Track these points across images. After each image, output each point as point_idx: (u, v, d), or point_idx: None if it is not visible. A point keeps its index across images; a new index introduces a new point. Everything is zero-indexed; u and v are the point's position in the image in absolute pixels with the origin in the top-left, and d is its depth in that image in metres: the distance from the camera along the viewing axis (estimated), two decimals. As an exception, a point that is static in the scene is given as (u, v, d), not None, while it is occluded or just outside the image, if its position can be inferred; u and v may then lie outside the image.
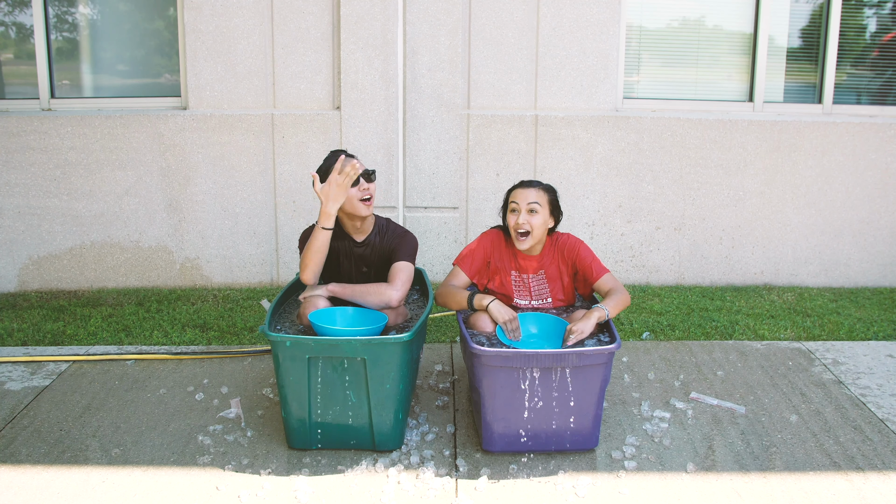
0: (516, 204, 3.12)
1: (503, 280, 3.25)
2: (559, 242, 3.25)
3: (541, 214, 3.11)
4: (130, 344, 4.02)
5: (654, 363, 3.77)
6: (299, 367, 2.78)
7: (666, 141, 4.90)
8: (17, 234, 4.86)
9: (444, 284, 3.22)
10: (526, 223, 3.09)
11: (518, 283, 3.25)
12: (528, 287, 3.23)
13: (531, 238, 3.12)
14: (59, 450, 2.94)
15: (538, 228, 3.12)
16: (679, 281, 5.09)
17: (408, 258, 3.20)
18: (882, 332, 4.23)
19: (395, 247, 3.24)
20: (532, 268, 3.23)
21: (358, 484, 2.73)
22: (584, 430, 2.87)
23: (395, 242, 3.25)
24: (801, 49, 5.17)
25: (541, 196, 3.12)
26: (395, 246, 3.24)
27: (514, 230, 3.13)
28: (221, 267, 4.97)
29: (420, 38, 4.73)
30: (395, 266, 3.17)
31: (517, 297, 3.24)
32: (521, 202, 3.10)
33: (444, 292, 3.19)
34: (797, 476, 2.79)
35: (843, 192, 5.01)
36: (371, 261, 3.28)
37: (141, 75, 5.10)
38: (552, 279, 3.23)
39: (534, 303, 3.23)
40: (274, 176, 4.87)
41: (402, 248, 3.22)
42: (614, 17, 4.83)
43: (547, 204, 3.14)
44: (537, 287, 3.23)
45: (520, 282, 3.24)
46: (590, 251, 3.22)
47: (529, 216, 3.10)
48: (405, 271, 3.15)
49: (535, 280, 3.23)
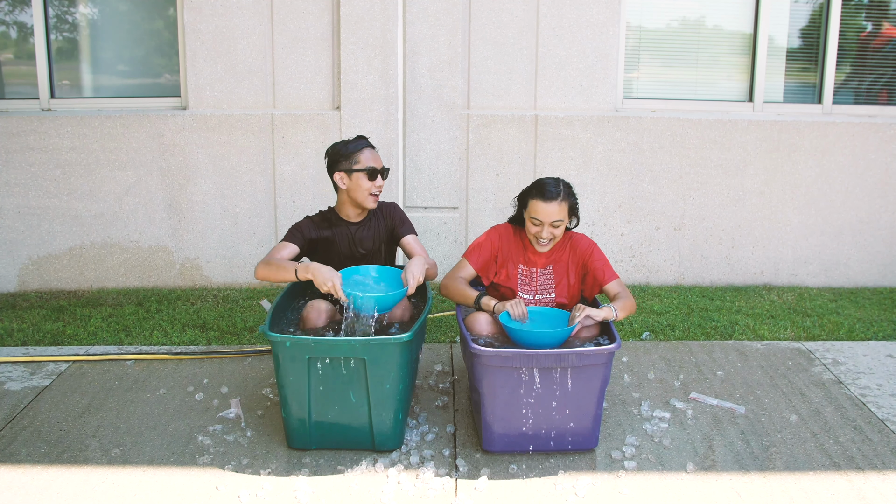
0: (538, 220, 3.09)
1: (509, 273, 3.25)
2: (573, 241, 3.26)
3: (563, 226, 3.14)
4: (130, 344, 4.02)
5: (653, 363, 3.77)
6: (299, 368, 2.78)
7: (666, 141, 4.90)
8: (17, 234, 4.86)
9: (450, 276, 3.23)
10: (550, 235, 3.11)
11: (525, 276, 3.25)
12: (535, 281, 3.24)
13: (551, 244, 3.17)
14: (58, 450, 2.94)
15: (560, 235, 3.15)
16: (679, 281, 5.09)
17: (413, 230, 3.37)
18: (882, 332, 4.23)
19: (395, 222, 3.38)
20: (541, 262, 3.24)
21: (358, 484, 2.73)
22: (584, 430, 2.87)
23: (393, 219, 3.39)
24: (801, 49, 5.17)
25: (563, 211, 3.10)
26: (394, 222, 3.38)
27: (535, 237, 3.14)
28: (221, 267, 4.97)
29: (420, 39, 4.73)
30: (406, 240, 3.34)
31: (521, 291, 3.25)
32: (545, 219, 3.08)
33: (449, 284, 3.20)
34: (797, 476, 2.79)
35: (842, 192, 5.01)
36: (368, 242, 3.34)
37: (141, 75, 5.10)
38: (559, 276, 3.24)
39: (538, 297, 3.23)
40: (274, 176, 4.87)
41: (405, 221, 3.39)
42: (614, 17, 4.83)
43: (568, 213, 3.15)
44: (543, 281, 3.24)
45: (527, 275, 3.25)
46: (603, 255, 3.24)
47: (553, 229, 3.11)
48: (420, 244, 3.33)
49: (542, 274, 3.24)
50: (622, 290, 3.16)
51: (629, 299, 3.12)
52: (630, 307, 3.10)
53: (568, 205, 3.12)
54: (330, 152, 3.24)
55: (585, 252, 3.22)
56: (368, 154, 3.20)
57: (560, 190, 3.09)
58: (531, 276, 3.25)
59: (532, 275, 3.24)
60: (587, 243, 3.25)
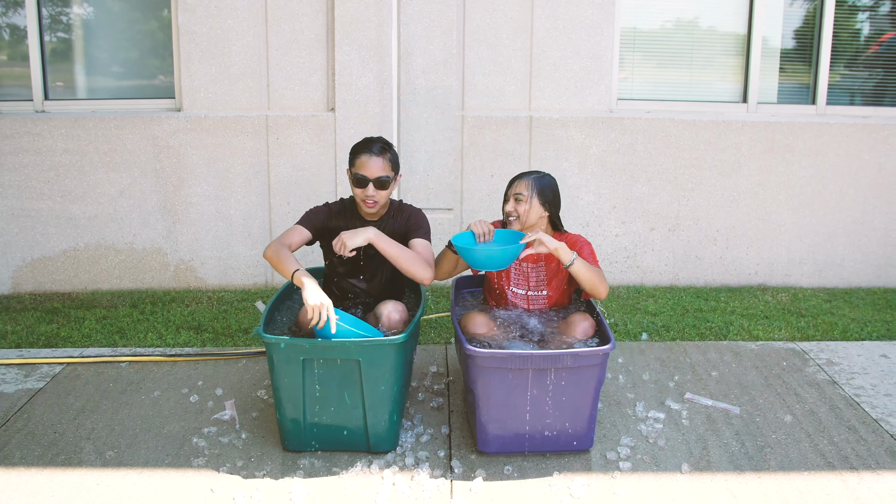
0: (507, 194, 3.27)
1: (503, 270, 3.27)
2: (565, 239, 3.27)
3: (526, 202, 3.19)
4: (125, 346, 4.01)
5: (648, 364, 3.78)
6: (294, 369, 2.77)
7: (660, 142, 4.91)
8: (11, 237, 4.85)
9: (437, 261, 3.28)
10: (513, 210, 3.21)
11: (517, 271, 3.27)
12: (527, 276, 3.26)
13: (518, 223, 3.21)
14: (53, 452, 2.93)
15: (524, 214, 3.20)
16: (673, 282, 5.10)
17: (426, 236, 3.20)
18: (876, 333, 4.24)
19: (411, 225, 3.23)
20: (533, 258, 3.25)
21: (353, 485, 2.72)
22: (578, 431, 2.87)
23: (410, 221, 3.24)
24: (795, 50, 5.19)
25: (528, 186, 3.21)
26: (410, 225, 3.23)
27: (506, 216, 3.26)
28: (216, 269, 4.96)
29: (414, 40, 4.73)
30: (415, 243, 3.14)
31: (513, 286, 3.26)
32: (510, 192, 3.25)
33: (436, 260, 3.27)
34: (792, 476, 2.80)
35: (836, 193, 5.02)
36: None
37: (135, 77, 5.09)
38: (551, 271, 3.25)
39: (530, 293, 3.25)
40: (268, 178, 4.86)
41: (421, 227, 3.22)
42: (608, 19, 4.84)
43: (535, 193, 3.20)
44: (535, 277, 3.25)
45: (518, 271, 3.27)
46: (593, 252, 3.26)
47: (516, 204, 3.21)
48: (428, 249, 3.16)
49: (534, 270, 3.25)
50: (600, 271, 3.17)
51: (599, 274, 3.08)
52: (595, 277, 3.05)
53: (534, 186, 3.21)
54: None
55: (574, 244, 3.24)
56: (364, 159, 3.11)
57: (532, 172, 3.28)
58: (523, 271, 3.26)
59: (524, 270, 3.26)
60: (579, 240, 3.27)
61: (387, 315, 3.02)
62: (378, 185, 3.10)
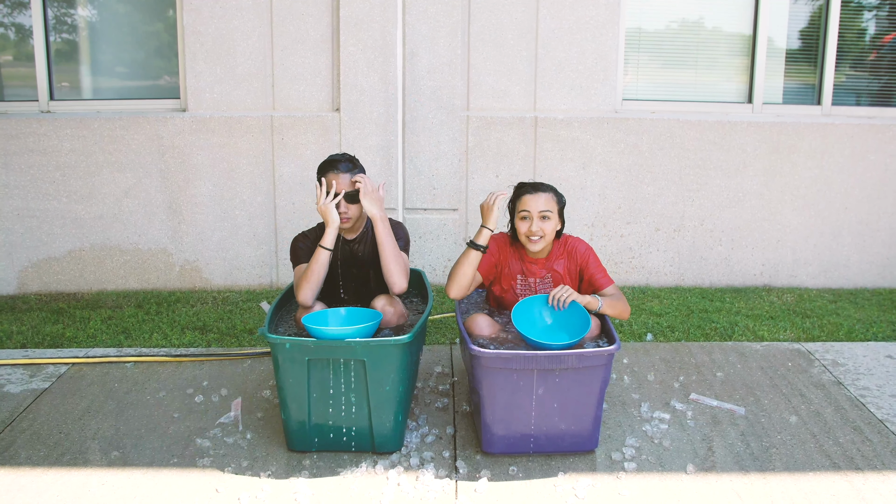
0: (527, 212, 3.12)
1: (509, 284, 3.25)
2: (568, 245, 3.26)
3: (552, 220, 3.14)
4: (130, 346, 4.02)
5: (653, 364, 3.77)
6: (299, 369, 2.78)
7: (665, 142, 4.90)
8: (17, 237, 4.86)
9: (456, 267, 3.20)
10: (539, 230, 3.11)
11: (524, 286, 3.25)
12: (535, 291, 3.24)
13: (543, 241, 3.15)
14: (58, 452, 2.94)
15: (550, 233, 3.15)
16: (678, 282, 5.09)
17: (404, 248, 3.21)
18: (881, 333, 4.23)
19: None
20: (539, 272, 3.23)
21: (357, 486, 2.73)
22: (583, 432, 2.87)
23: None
24: (801, 50, 5.18)
25: (551, 202, 3.14)
26: None
27: (527, 236, 3.14)
28: (221, 269, 4.97)
29: (419, 40, 4.74)
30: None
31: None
32: (533, 210, 3.11)
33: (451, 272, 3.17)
34: (797, 477, 2.79)
35: (842, 194, 5.01)
36: (363, 259, 3.26)
37: (140, 77, 5.10)
38: (558, 283, 3.23)
39: None
40: (273, 178, 4.87)
41: (400, 238, 3.22)
42: (613, 19, 4.84)
43: (557, 208, 3.16)
44: (543, 291, 3.23)
45: (525, 286, 3.25)
46: (598, 261, 3.25)
47: (542, 223, 3.11)
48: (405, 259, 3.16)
49: (541, 284, 3.23)
50: (616, 292, 3.20)
51: (621, 300, 3.15)
52: (620, 308, 3.12)
53: (556, 200, 3.16)
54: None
55: (582, 259, 3.23)
56: (331, 178, 3.10)
57: (546, 185, 3.19)
58: (530, 286, 3.25)
59: (531, 285, 3.25)
60: (584, 248, 3.25)
61: (381, 309, 3.07)
62: (349, 199, 3.12)
